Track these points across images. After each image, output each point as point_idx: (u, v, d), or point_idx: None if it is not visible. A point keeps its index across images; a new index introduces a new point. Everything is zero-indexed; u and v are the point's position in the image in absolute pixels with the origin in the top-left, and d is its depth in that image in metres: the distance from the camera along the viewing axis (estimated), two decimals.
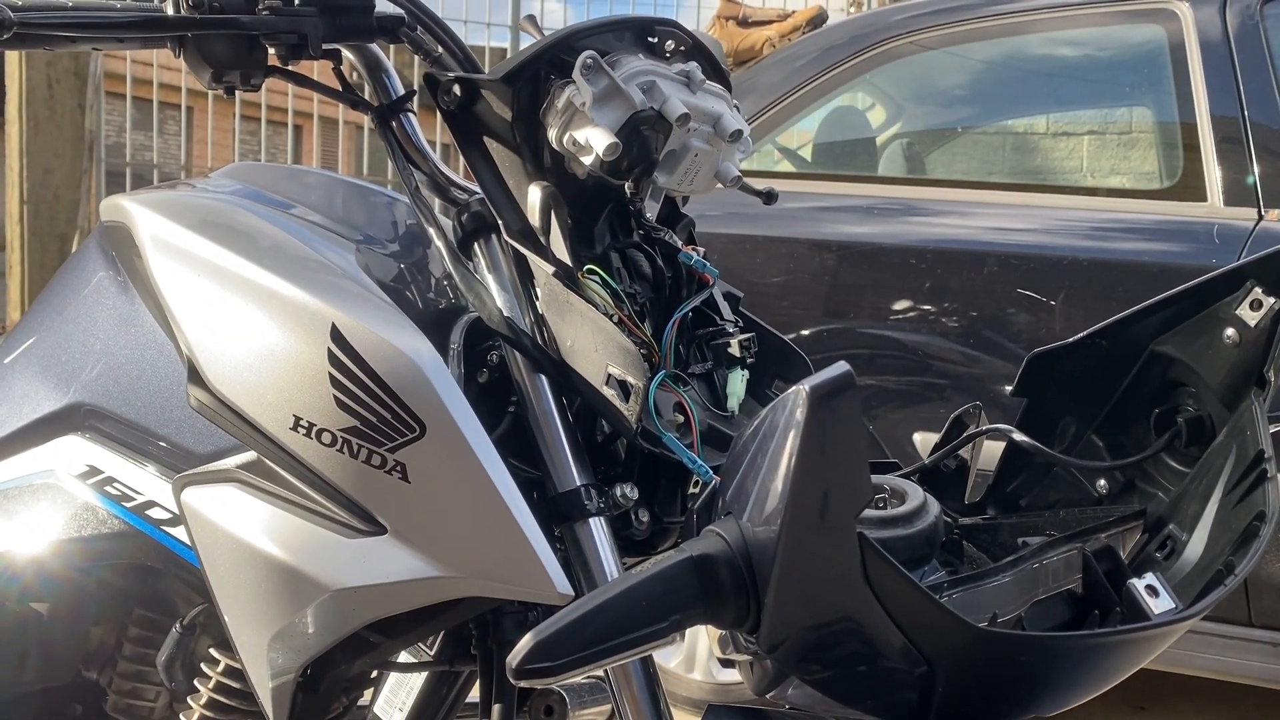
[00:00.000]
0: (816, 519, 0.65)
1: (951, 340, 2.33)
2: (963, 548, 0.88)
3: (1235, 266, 0.82)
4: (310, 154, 6.81)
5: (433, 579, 0.90)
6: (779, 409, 0.68)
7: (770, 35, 4.14)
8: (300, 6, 0.98)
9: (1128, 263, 2.25)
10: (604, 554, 0.93)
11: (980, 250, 2.35)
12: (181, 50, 0.98)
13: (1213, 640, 2.15)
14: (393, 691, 1.22)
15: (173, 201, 1.07)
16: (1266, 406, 0.81)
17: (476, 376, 1.00)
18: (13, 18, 0.89)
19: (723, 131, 0.96)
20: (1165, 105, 2.46)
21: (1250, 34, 2.29)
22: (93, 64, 4.98)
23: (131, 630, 1.16)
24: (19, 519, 1.10)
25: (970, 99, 2.85)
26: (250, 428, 0.94)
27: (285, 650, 0.96)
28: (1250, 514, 0.78)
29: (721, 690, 2.51)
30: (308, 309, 0.92)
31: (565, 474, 0.94)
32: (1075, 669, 0.72)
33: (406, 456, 0.89)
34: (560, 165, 0.95)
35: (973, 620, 0.69)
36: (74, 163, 4.94)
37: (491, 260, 1.00)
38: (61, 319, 1.14)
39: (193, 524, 0.99)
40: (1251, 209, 2.21)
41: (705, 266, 0.99)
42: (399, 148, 1.06)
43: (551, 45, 0.94)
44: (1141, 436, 0.89)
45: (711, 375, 1.00)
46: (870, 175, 2.87)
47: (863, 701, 0.72)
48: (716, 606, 0.69)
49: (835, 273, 2.47)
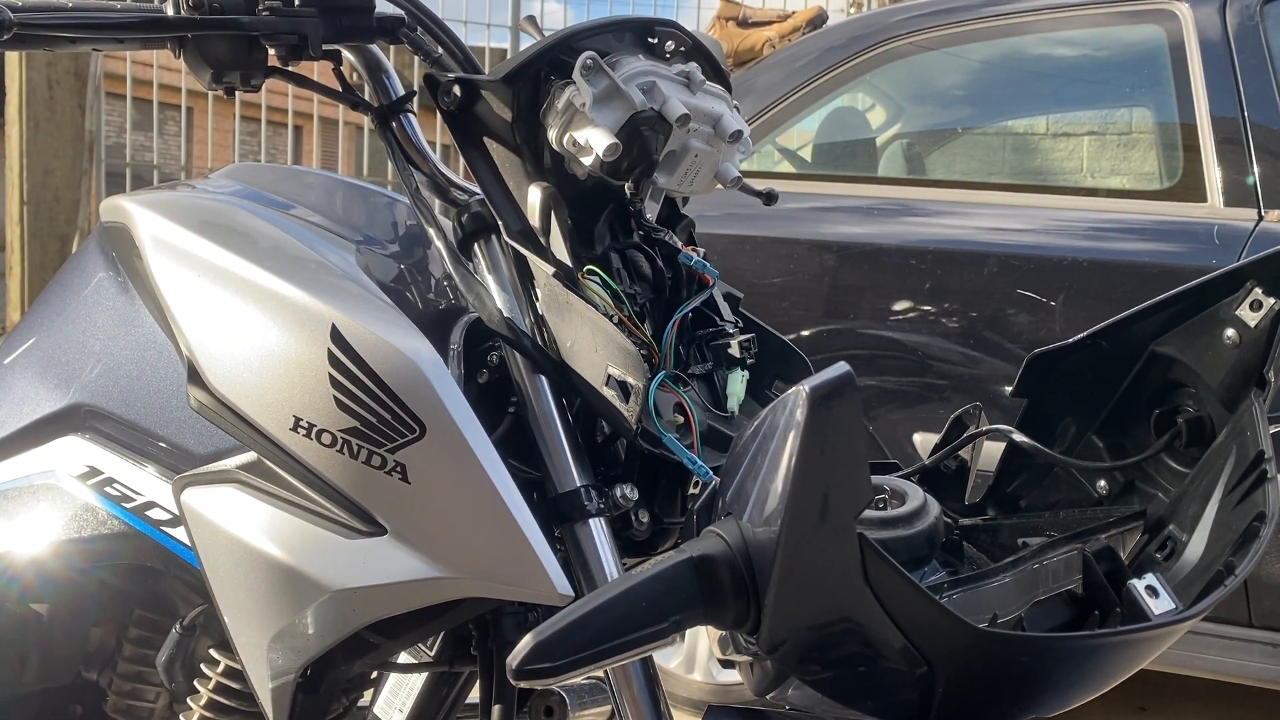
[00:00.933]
0: (816, 520, 0.65)
1: (951, 341, 2.33)
2: (963, 548, 0.88)
3: (1235, 267, 0.82)
4: (310, 154, 6.80)
5: (433, 580, 0.90)
6: (779, 409, 0.68)
7: (770, 36, 4.14)
8: (300, 7, 0.98)
9: (1128, 263, 2.25)
10: (604, 555, 0.93)
11: (980, 251, 2.35)
12: (181, 51, 0.98)
13: (1213, 641, 2.15)
14: (393, 692, 1.22)
15: (173, 202, 1.07)
16: (1266, 407, 0.81)
17: (476, 377, 1.00)
18: (13, 18, 0.89)
19: (723, 132, 0.96)
20: (1165, 106, 2.46)
21: (1250, 34, 2.29)
22: (93, 64, 4.98)
23: (131, 631, 1.16)
24: (19, 520, 1.10)
25: (970, 99, 2.85)
26: (250, 428, 0.94)
27: (285, 651, 0.96)
28: (1250, 514, 0.78)
29: (721, 691, 2.51)
30: (308, 309, 0.92)
31: (565, 475, 0.94)
32: (1075, 669, 0.72)
33: (406, 457, 0.89)
34: (560, 166, 0.95)
35: (973, 621, 0.69)
36: (74, 163, 4.95)
37: (491, 261, 1.00)
38: (61, 319, 1.14)
39: (193, 525, 0.99)
40: (1251, 210, 2.21)
41: (705, 267, 0.99)
42: (399, 148, 1.06)
43: (551, 46, 0.94)
44: (1141, 437, 0.89)
45: (711, 376, 1.00)
46: (870, 176, 2.87)
47: (863, 702, 0.72)
48: (716, 607, 0.69)
49: (835, 273, 2.47)
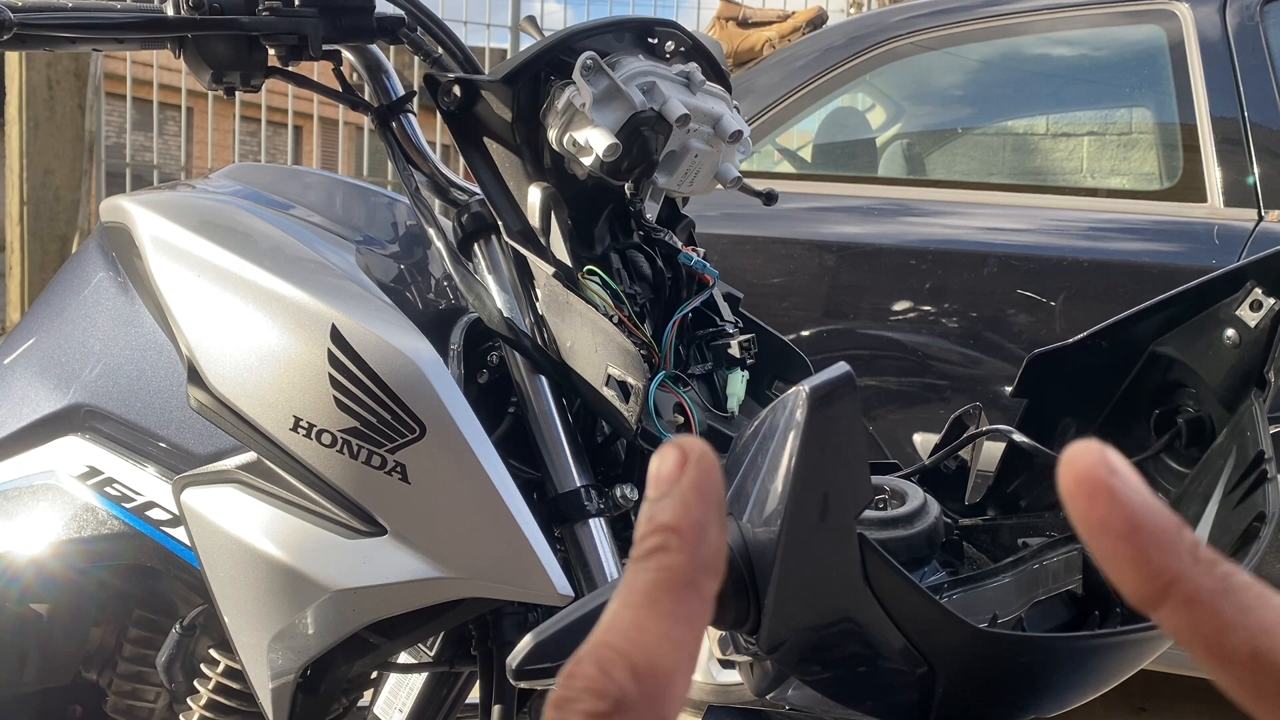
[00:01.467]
0: (816, 520, 0.65)
1: (951, 341, 2.33)
2: (963, 548, 0.88)
3: (1235, 267, 0.82)
4: (310, 155, 6.81)
5: (433, 580, 0.90)
6: (779, 410, 0.68)
7: (770, 36, 4.15)
8: (300, 7, 0.98)
9: (1128, 263, 2.25)
10: (604, 555, 0.93)
11: (980, 251, 2.35)
12: (181, 51, 0.98)
13: None
14: (393, 692, 1.22)
15: (173, 202, 1.07)
16: (1266, 407, 0.81)
17: (476, 377, 1.00)
18: (13, 18, 0.89)
19: (723, 132, 0.96)
20: (1165, 106, 2.46)
21: (1250, 34, 2.29)
22: (93, 65, 4.98)
23: (131, 631, 1.16)
24: (19, 520, 1.10)
25: (970, 100, 2.85)
26: (250, 428, 0.94)
27: (285, 651, 0.96)
28: (1250, 515, 0.78)
29: (721, 691, 2.51)
30: (307, 310, 0.92)
31: (565, 475, 0.94)
32: (1076, 670, 0.72)
33: (406, 457, 0.89)
34: (560, 166, 0.95)
35: (973, 621, 0.69)
36: (74, 163, 4.94)
37: (491, 261, 1.00)
38: (61, 320, 1.14)
39: (192, 525, 0.99)
40: (1251, 210, 2.21)
41: (705, 267, 0.99)
42: (399, 148, 1.06)
43: (551, 46, 0.94)
44: (1141, 437, 0.89)
45: (711, 376, 1.00)
46: (870, 176, 2.87)
47: (863, 702, 0.72)
48: (716, 607, 0.69)
49: (835, 273, 2.47)
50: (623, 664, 0.23)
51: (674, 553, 0.25)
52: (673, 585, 0.25)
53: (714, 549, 0.25)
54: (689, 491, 0.25)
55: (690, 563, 0.25)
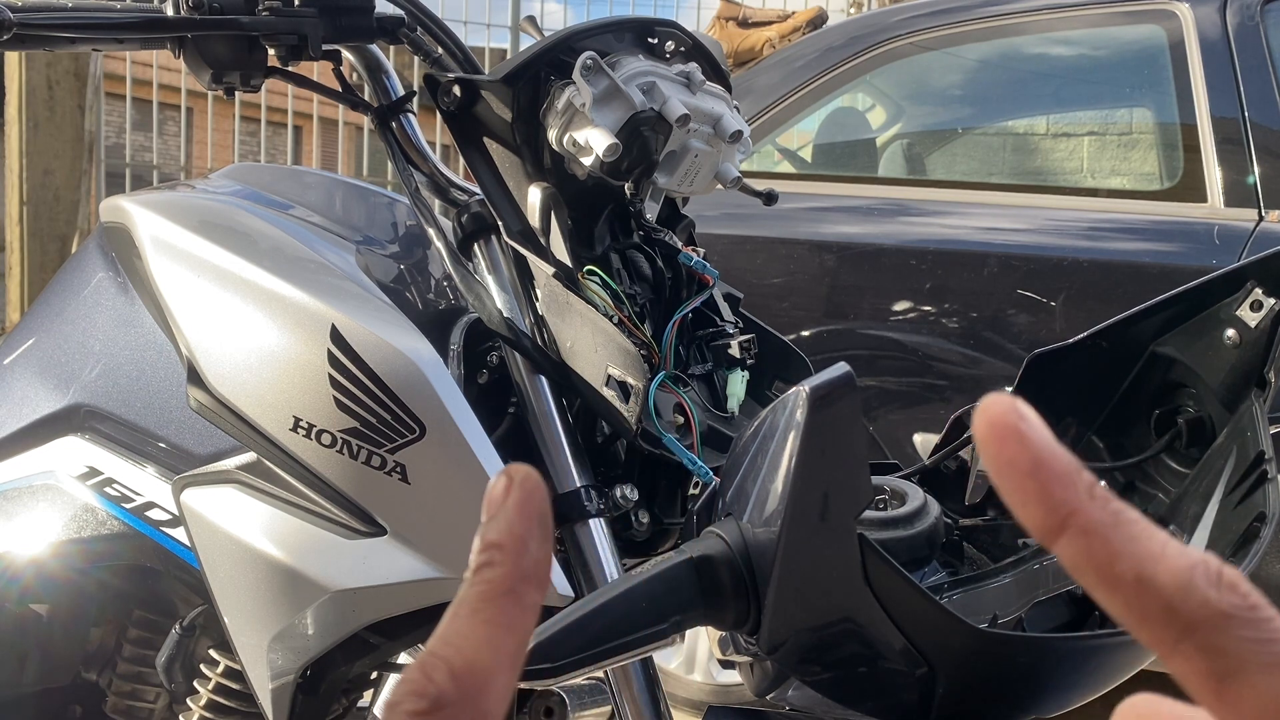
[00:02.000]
0: (817, 520, 0.65)
1: (951, 341, 2.33)
2: (963, 549, 0.88)
3: (1236, 267, 0.82)
4: (310, 155, 6.81)
5: (433, 580, 0.90)
6: (779, 410, 0.68)
7: (770, 36, 4.14)
8: (300, 7, 0.98)
9: (1128, 264, 2.25)
10: (604, 555, 0.93)
11: (980, 251, 2.35)
12: (181, 51, 0.98)
13: None
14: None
15: (172, 202, 1.07)
16: (1267, 407, 0.81)
17: (476, 377, 1.00)
18: (13, 18, 0.89)
19: (723, 132, 0.96)
20: (1165, 106, 2.46)
21: (1250, 34, 2.29)
22: (93, 65, 4.98)
23: (131, 631, 1.16)
24: (19, 520, 1.10)
25: (970, 100, 2.85)
26: (250, 429, 0.94)
27: (285, 651, 0.95)
28: (1250, 515, 0.77)
29: (721, 691, 2.51)
30: (307, 310, 0.92)
31: (565, 475, 0.94)
32: (1076, 670, 0.72)
33: (406, 457, 0.89)
34: (560, 166, 0.95)
35: (973, 621, 0.69)
36: (74, 164, 4.94)
37: (491, 261, 1.00)
38: (61, 320, 1.14)
39: (192, 525, 0.99)
40: (1252, 210, 2.21)
41: (705, 267, 0.99)
42: (399, 149, 1.06)
43: (551, 46, 0.94)
44: (1142, 437, 0.89)
45: (711, 376, 1.00)
46: (870, 176, 2.87)
47: (863, 703, 0.71)
48: (716, 608, 0.69)
49: (835, 274, 2.47)
50: (443, 667, 0.26)
51: (497, 566, 0.27)
52: (494, 595, 0.27)
53: (535, 560, 0.27)
54: (513, 511, 0.27)
55: (512, 573, 0.27)
